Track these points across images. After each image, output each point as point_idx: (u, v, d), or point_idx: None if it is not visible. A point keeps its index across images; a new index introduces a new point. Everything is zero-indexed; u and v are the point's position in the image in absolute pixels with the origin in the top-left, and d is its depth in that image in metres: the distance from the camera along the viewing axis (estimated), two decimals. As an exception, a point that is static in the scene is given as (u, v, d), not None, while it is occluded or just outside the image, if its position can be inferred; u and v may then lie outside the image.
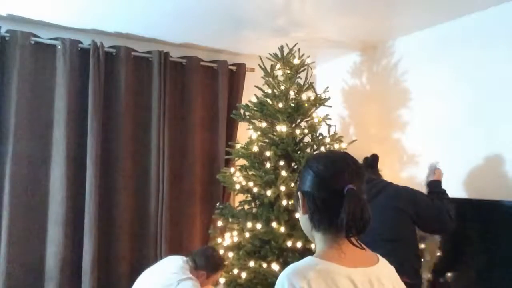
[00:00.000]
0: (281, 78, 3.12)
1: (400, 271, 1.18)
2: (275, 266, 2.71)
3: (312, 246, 2.79)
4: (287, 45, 3.13)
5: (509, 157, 2.57)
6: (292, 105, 3.06)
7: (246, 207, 3.06)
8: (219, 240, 3.08)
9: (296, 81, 3.11)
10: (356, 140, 3.25)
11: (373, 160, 2.73)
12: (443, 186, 2.59)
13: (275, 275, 2.66)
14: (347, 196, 1.03)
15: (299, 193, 1.15)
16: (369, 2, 2.69)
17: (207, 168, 3.62)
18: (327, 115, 3.18)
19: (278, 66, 3.14)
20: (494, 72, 2.68)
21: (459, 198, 2.73)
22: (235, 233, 2.97)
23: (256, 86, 3.20)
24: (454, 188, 2.85)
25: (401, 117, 3.30)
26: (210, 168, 3.61)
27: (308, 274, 1.00)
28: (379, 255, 1.15)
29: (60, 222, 3.02)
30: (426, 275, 2.67)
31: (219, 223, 3.17)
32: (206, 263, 2.58)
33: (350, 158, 1.17)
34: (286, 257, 2.76)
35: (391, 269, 1.16)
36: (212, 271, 2.60)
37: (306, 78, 3.18)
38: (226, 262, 2.77)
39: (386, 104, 3.44)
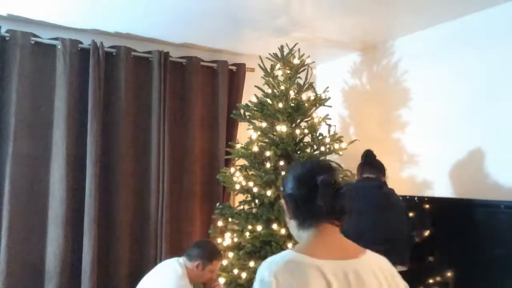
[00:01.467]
0: (281, 78, 3.12)
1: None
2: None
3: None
4: (287, 45, 3.13)
5: (509, 157, 2.57)
6: (292, 105, 3.06)
7: (246, 207, 3.06)
8: (219, 240, 3.08)
9: (296, 81, 3.11)
10: (356, 140, 3.25)
11: (366, 157, 2.71)
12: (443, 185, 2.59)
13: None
14: (320, 186, 1.17)
15: (283, 200, 1.28)
16: (369, 2, 2.69)
17: (207, 168, 3.62)
18: (327, 115, 3.18)
19: (278, 66, 3.14)
20: (494, 72, 2.68)
21: (458, 198, 2.74)
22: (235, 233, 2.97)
23: (256, 86, 3.20)
24: (454, 188, 2.85)
25: (401, 117, 3.31)
26: (210, 168, 3.61)
27: (275, 266, 1.10)
28: (368, 250, 1.22)
29: (60, 222, 3.02)
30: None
31: (219, 223, 3.17)
32: (199, 252, 2.51)
33: (321, 159, 1.38)
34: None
35: (381, 262, 1.22)
36: (207, 260, 2.49)
37: (306, 78, 3.18)
38: (221, 252, 2.69)
39: (386, 104, 3.44)
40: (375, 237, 2.34)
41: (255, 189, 2.90)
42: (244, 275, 2.77)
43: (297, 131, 3.03)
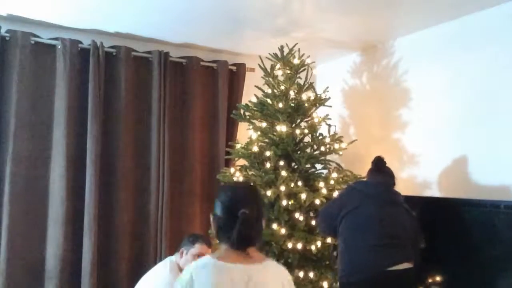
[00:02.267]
0: (281, 78, 3.12)
1: None
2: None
3: (313, 247, 2.80)
4: (287, 45, 3.14)
5: (509, 157, 2.57)
6: (292, 105, 3.07)
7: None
8: (219, 240, 3.08)
9: (296, 81, 3.11)
10: (356, 140, 3.25)
11: (376, 164, 2.71)
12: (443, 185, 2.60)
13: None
14: (239, 219, 1.41)
15: (211, 215, 1.53)
16: (369, 2, 2.69)
17: (207, 168, 3.62)
18: (327, 115, 3.18)
19: (278, 66, 3.14)
20: (493, 72, 2.68)
21: (458, 198, 2.73)
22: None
23: (256, 86, 3.21)
24: (454, 188, 2.85)
25: (401, 117, 3.30)
26: (210, 168, 3.61)
27: (192, 267, 1.43)
28: (270, 259, 1.53)
29: (60, 222, 3.02)
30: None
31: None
32: (183, 241, 2.55)
33: (248, 187, 1.61)
34: (287, 258, 2.76)
35: (279, 269, 1.54)
36: (189, 244, 2.51)
37: (306, 78, 3.19)
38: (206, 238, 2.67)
39: (386, 104, 3.44)
40: (381, 232, 2.38)
41: (255, 189, 2.90)
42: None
43: (297, 131, 3.03)
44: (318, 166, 3.17)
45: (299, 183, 2.89)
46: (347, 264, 2.42)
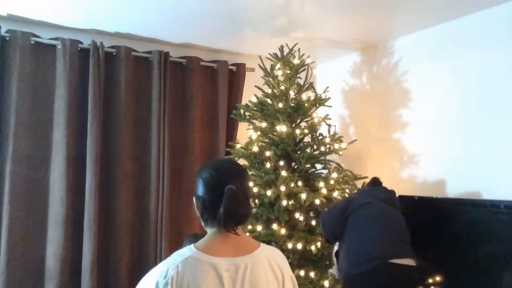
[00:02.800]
0: (281, 78, 3.13)
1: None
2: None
3: (313, 247, 2.80)
4: (287, 45, 3.14)
5: (509, 156, 2.57)
6: (292, 105, 3.07)
7: (246, 207, 3.06)
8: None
9: (296, 81, 3.12)
10: (356, 140, 3.25)
11: (374, 184, 2.82)
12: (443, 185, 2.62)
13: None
14: (225, 194, 1.28)
15: (194, 198, 1.42)
16: (369, 2, 2.69)
17: (207, 168, 3.61)
18: (327, 115, 3.18)
19: (278, 66, 3.14)
20: (493, 72, 2.68)
21: (457, 199, 2.74)
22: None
23: (256, 86, 3.21)
24: (454, 188, 2.85)
25: (401, 117, 3.30)
26: (210, 168, 3.60)
27: (178, 260, 1.26)
28: (262, 244, 1.38)
29: (60, 222, 3.02)
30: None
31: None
32: (185, 240, 2.53)
33: (231, 162, 1.46)
34: (287, 258, 2.76)
35: (272, 254, 1.39)
36: (191, 243, 2.52)
37: (306, 78, 3.19)
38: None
39: (386, 104, 3.44)
40: (388, 226, 2.50)
41: (255, 189, 2.90)
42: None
43: (297, 131, 3.03)
44: (318, 166, 3.17)
45: (299, 183, 2.89)
46: (352, 253, 2.47)
